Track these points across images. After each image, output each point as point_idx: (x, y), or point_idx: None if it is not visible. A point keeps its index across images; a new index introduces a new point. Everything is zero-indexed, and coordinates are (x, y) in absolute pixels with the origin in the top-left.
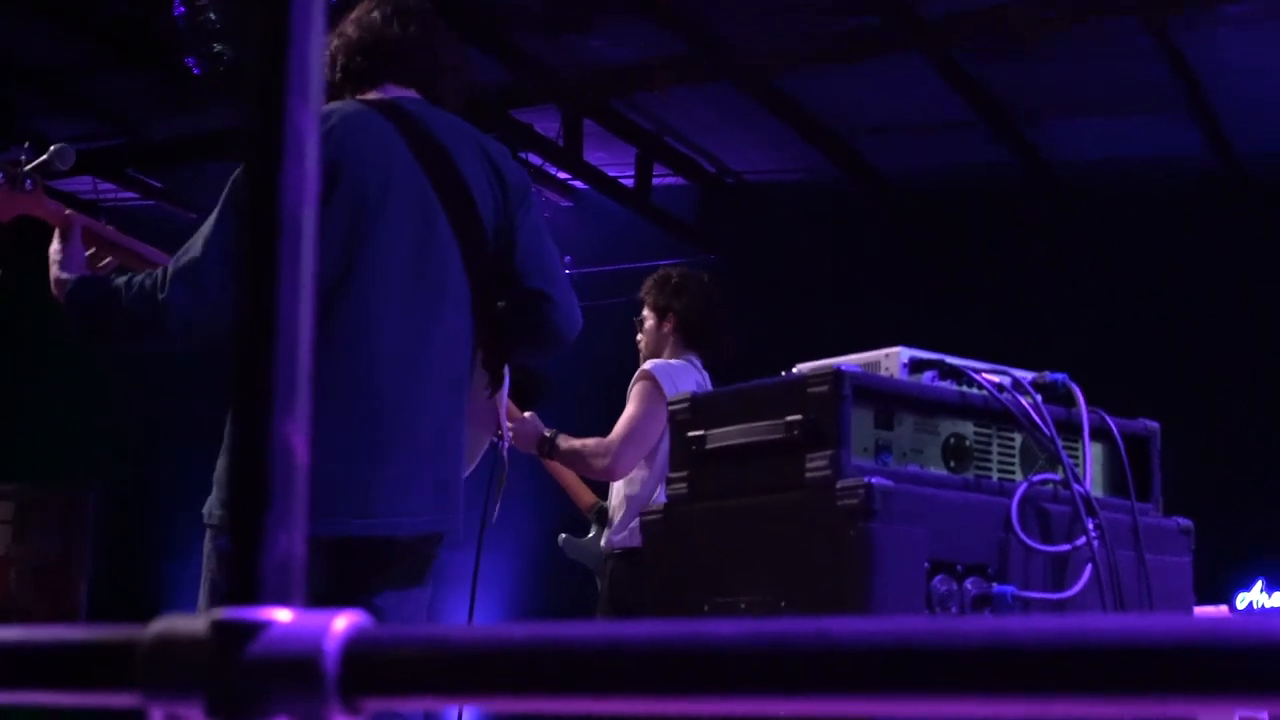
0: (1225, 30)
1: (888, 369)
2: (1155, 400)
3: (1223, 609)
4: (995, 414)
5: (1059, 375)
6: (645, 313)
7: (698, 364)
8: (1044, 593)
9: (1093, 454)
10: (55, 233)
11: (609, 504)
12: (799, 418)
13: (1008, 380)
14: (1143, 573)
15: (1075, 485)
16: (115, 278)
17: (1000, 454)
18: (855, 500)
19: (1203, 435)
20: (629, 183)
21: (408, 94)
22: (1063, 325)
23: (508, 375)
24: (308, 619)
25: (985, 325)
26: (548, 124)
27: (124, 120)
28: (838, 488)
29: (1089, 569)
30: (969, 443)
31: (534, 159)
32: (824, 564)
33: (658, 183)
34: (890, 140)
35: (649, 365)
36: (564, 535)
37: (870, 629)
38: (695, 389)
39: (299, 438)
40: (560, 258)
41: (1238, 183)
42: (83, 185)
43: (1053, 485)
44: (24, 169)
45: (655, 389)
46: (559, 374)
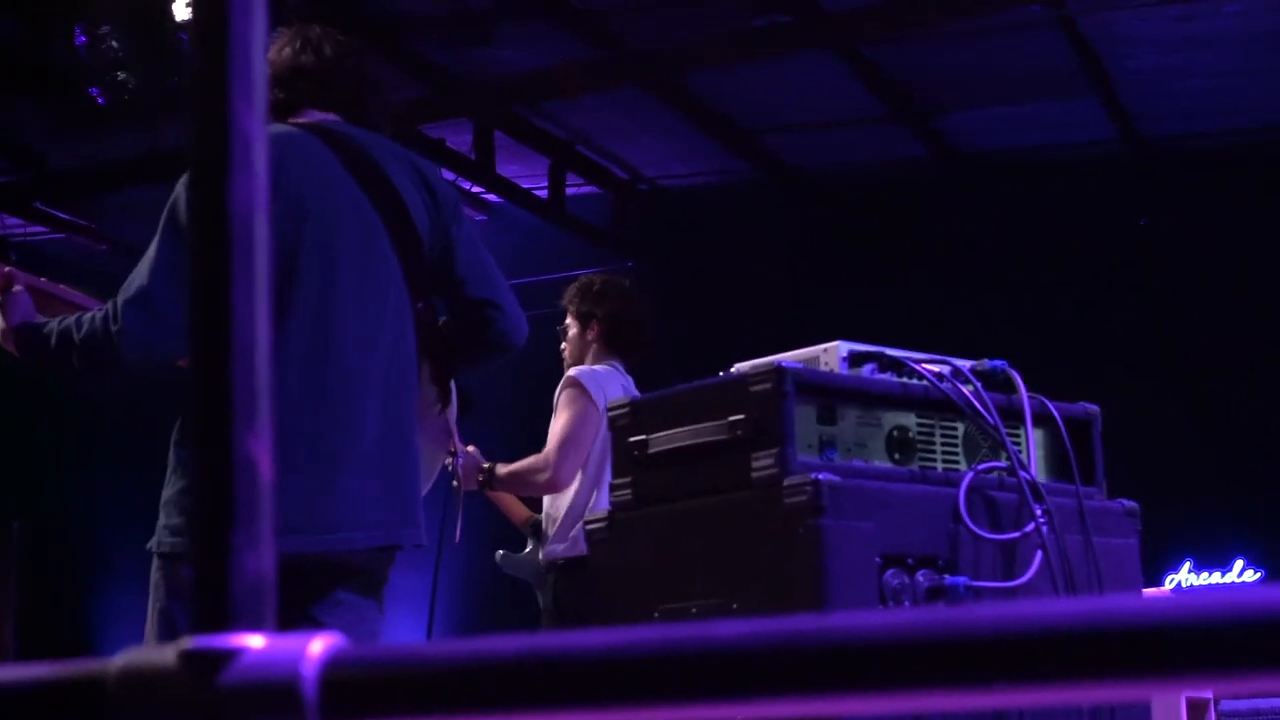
0: (1124, 13)
1: (827, 364)
2: (1076, 382)
3: (1164, 591)
4: (937, 404)
5: (998, 362)
6: (568, 320)
7: (621, 369)
8: (996, 581)
9: (1035, 439)
10: None
11: (543, 516)
12: (741, 417)
13: (947, 369)
14: (1091, 556)
15: (1021, 472)
16: (62, 319)
17: (944, 444)
18: (803, 497)
19: (1123, 416)
20: (543, 194)
21: (330, 118)
22: (985, 310)
23: (455, 392)
24: (282, 643)
25: (909, 316)
26: (459, 138)
27: (23, 151)
28: (785, 485)
29: (1039, 555)
30: (912, 434)
31: (446, 174)
32: (775, 563)
33: (571, 192)
34: (802, 138)
35: (574, 372)
36: (501, 552)
37: (868, 624)
38: (622, 393)
39: (263, 452)
40: (497, 267)
41: (1144, 160)
42: None
43: (998, 473)
44: None
45: (583, 394)
46: (485, 387)
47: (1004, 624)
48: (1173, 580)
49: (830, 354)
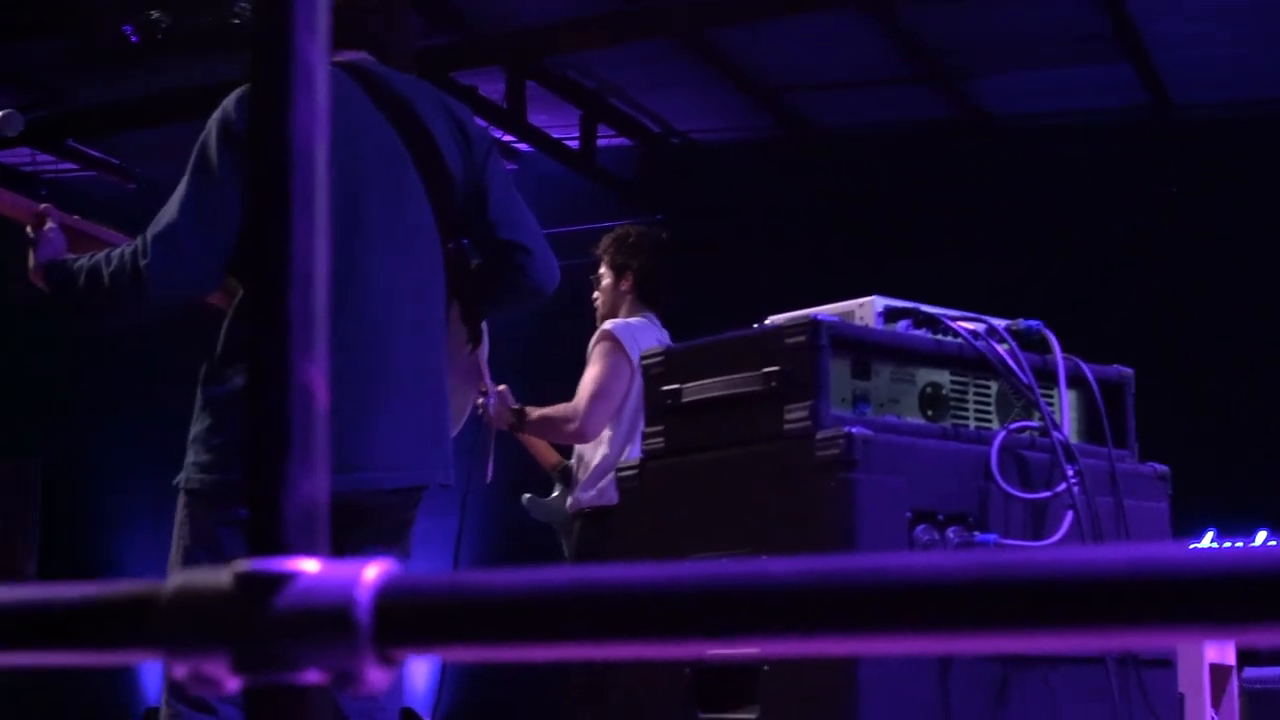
0: None
1: (862, 318)
2: (1100, 346)
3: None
4: (971, 362)
5: (1033, 322)
6: (602, 270)
7: (656, 321)
8: (1025, 541)
9: (1068, 400)
10: (28, 226)
11: (573, 463)
12: (776, 369)
13: (982, 328)
14: (1121, 518)
15: (1054, 432)
16: (91, 255)
17: (977, 402)
18: (835, 450)
19: (1148, 381)
20: (574, 144)
21: (360, 55)
22: (1009, 274)
23: (486, 331)
24: (337, 569)
25: (934, 277)
26: (491, 87)
27: (55, 88)
28: (817, 438)
29: (1069, 516)
30: (946, 391)
31: (478, 122)
32: (804, 515)
33: (602, 144)
34: (831, 96)
35: (608, 325)
36: (528, 495)
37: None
38: (656, 345)
39: (319, 379)
40: (530, 211)
41: (1176, 127)
42: (20, 157)
43: (1030, 433)
44: None
45: (616, 347)
46: (512, 335)
47: (1045, 569)
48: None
49: (866, 309)
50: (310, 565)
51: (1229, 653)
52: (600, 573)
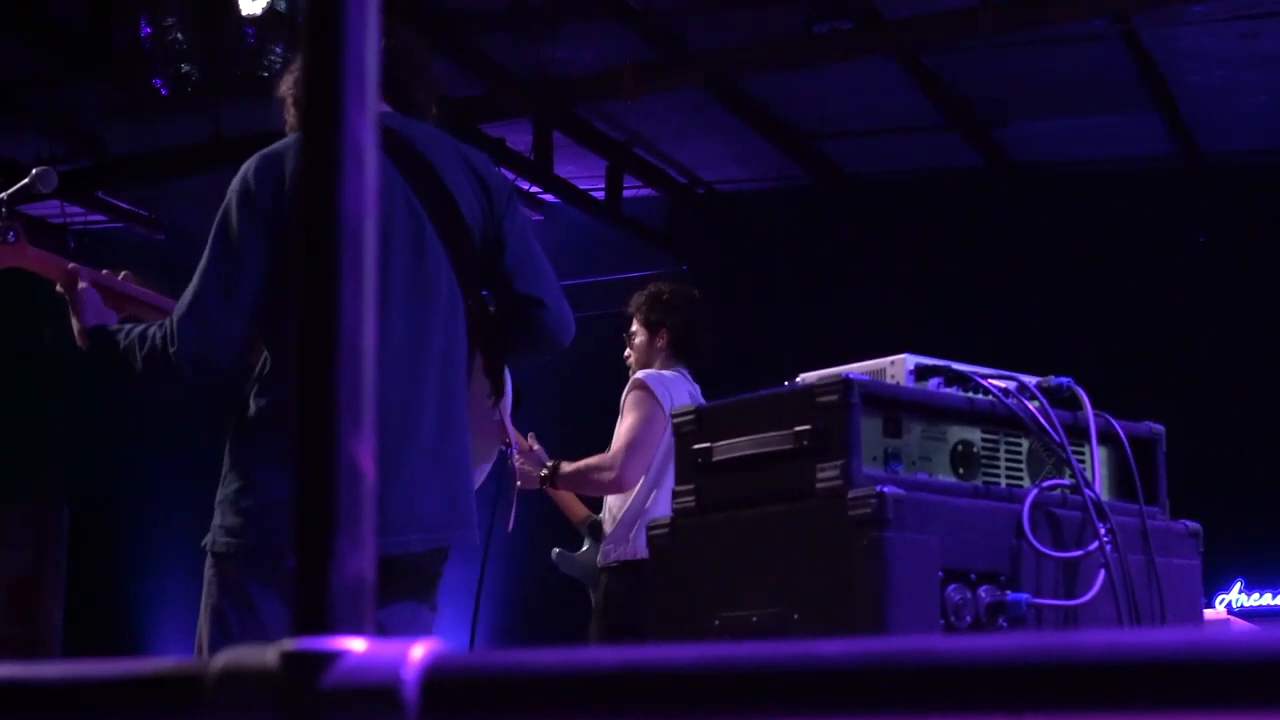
0: (1189, 29)
1: (893, 376)
2: (1127, 394)
3: (1220, 613)
4: (1002, 419)
5: (1064, 379)
6: (635, 328)
7: (688, 375)
8: (1057, 599)
9: (1099, 457)
10: (58, 285)
11: (603, 517)
12: (808, 427)
13: (1013, 385)
14: (1154, 577)
15: (1085, 490)
16: (129, 330)
17: (1008, 459)
18: (868, 509)
19: (1176, 432)
20: (600, 195)
21: (381, 109)
22: (1039, 323)
23: (509, 383)
24: (383, 647)
25: (964, 326)
26: (519, 138)
27: (86, 138)
28: (849, 497)
29: (1102, 574)
30: (977, 449)
31: (505, 173)
32: (837, 575)
33: (629, 194)
34: (860, 144)
35: (641, 374)
36: (557, 550)
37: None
38: (688, 399)
39: (367, 456)
40: (548, 263)
41: (1204, 176)
42: (50, 208)
43: (1062, 490)
44: (2, 209)
45: (650, 397)
46: (540, 386)
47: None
48: (1224, 600)
49: (897, 366)
50: (357, 644)
51: None
52: (646, 653)
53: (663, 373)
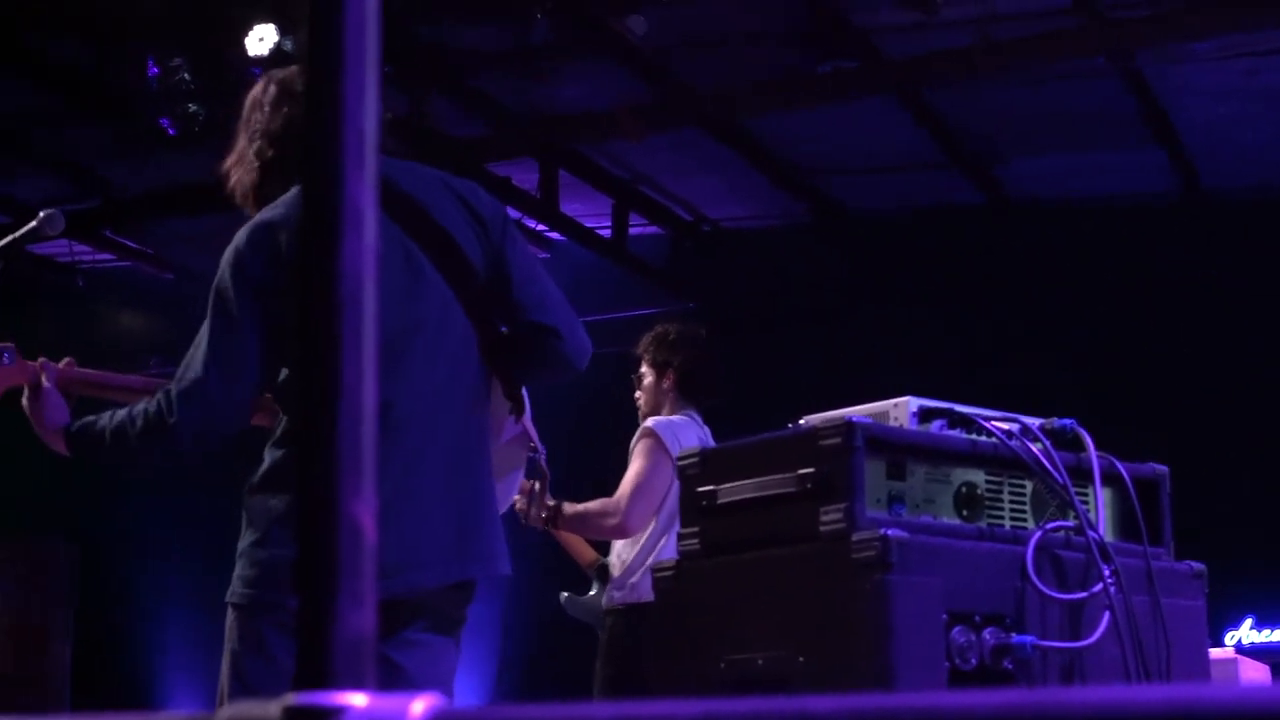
0: (1191, 66)
1: (897, 419)
2: (1131, 431)
3: (1228, 652)
4: (1006, 461)
5: (1067, 421)
6: (643, 369)
7: (697, 418)
8: (1062, 642)
9: (1103, 498)
10: (26, 388)
11: (610, 561)
12: (811, 470)
13: (1016, 427)
14: (1159, 618)
15: (1089, 531)
16: (106, 416)
17: (1012, 502)
18: (871, 552)
19: (1182, 470)
20: (605, 233)
21: None
22: (1042, 361)
23: (527, 397)
24: (384, 702)
25: (967, 364)
26: (525, 177)
27: (93, 178)
28: (853, 540)
29: (1106, 616)
30: (980, 491)
31: (511, 213)
32: (841, 617)
33: (634, 232)
34: (862, 182)
35: (650, 422)
36: (565, 594)
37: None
38: (698, 443)
39: (367, 516)
40: (554, 285)
41: (1207, 212)
42: (58, 248)
43: (1066, 532)
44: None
45: (658, 444)
46: (543, 423)
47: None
48: (1233, 637)
49: (900, 409)
50: (358, 699)
51: None
52: (643, 708)
53: (673, 419)
